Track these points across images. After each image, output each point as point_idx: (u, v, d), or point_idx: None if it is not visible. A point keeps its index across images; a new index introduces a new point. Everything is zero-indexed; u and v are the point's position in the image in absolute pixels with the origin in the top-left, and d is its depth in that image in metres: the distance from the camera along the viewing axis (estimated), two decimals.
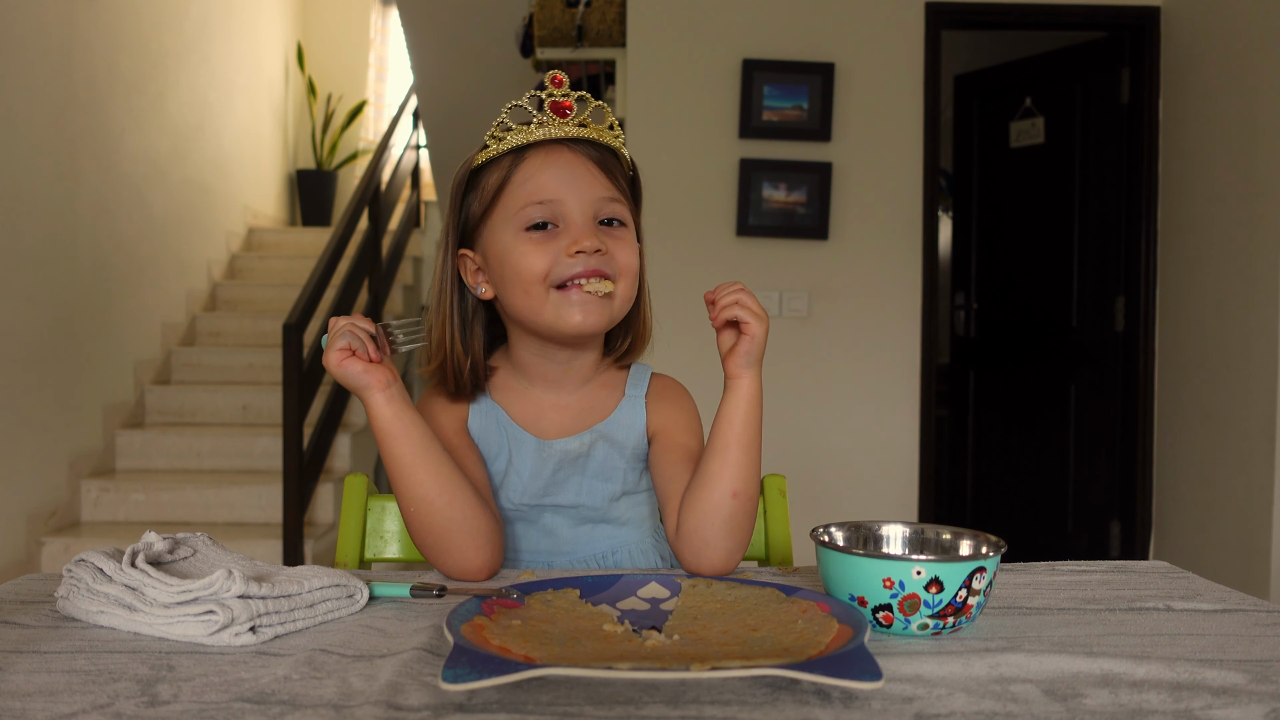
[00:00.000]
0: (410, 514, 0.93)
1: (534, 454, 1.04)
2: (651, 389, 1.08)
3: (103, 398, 3.95)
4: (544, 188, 0.96)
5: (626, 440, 1.06)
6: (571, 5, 3.51)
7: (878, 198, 3.46)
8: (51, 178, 3.60)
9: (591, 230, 0.96)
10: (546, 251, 0.95)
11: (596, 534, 1.07)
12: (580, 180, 0.97)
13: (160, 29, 4.52)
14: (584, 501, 1.05)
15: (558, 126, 0.97)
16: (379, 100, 6.88)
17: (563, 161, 0.97)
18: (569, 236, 0.95)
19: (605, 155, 1.00)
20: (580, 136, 0.98)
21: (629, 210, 1.01)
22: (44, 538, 3.46)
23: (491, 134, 0.99)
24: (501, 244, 0.98)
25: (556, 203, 0.96)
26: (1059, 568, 0.97)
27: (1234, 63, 3.09)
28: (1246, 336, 2.97)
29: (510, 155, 0.98)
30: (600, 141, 0.99)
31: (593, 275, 0.95)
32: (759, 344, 0.95)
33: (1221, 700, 0.61)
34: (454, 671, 0.58)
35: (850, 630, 0.68)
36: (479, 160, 1.00)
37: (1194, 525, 3.28)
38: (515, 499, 1.04)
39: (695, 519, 0.96)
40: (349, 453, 4.13)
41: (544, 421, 1.05)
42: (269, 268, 5.45)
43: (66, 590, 0.78)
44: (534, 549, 1.06)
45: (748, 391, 0.95)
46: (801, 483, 2.83)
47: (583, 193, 0.97)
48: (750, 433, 0.96)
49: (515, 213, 0.97)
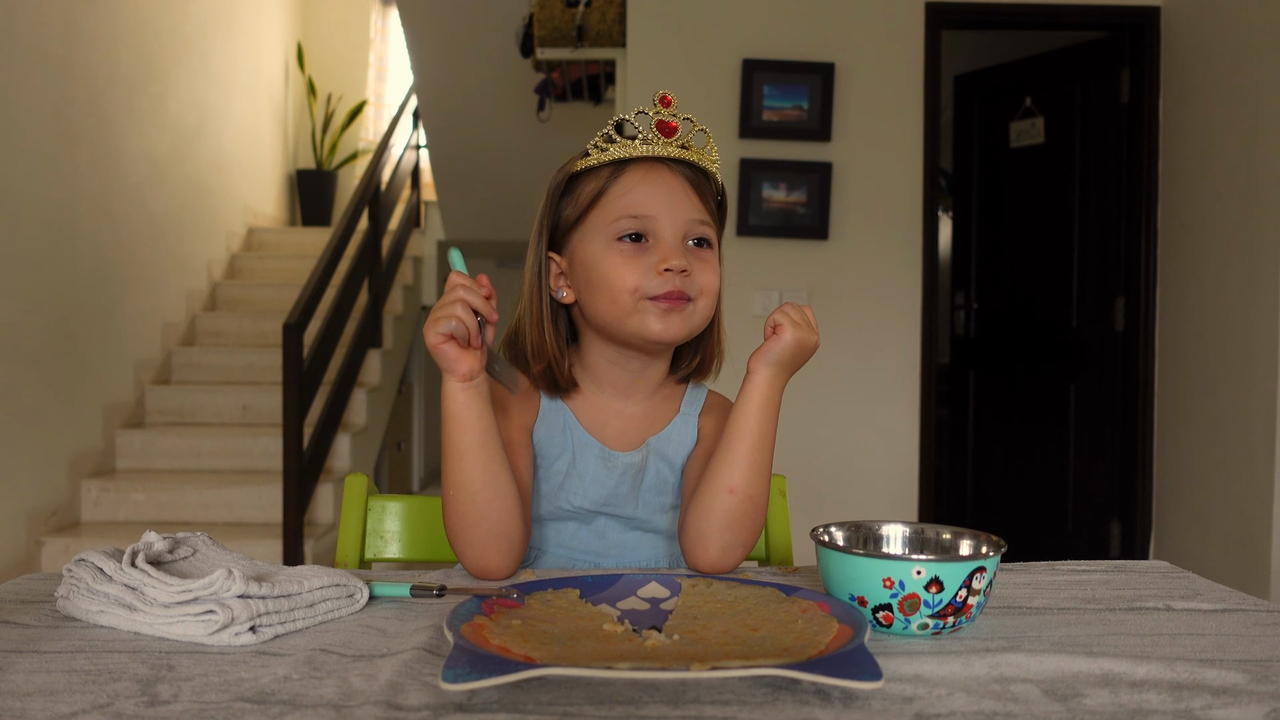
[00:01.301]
0: (449, 499, 0.94)
1: (597, 461, 1.06)
2: (705, 405, 1.11)
3: (103, 398, 3.95)
4: (640, 203, 0.99)
5: (677, 456, 1.08)
6: (571, 5, 3.51)
7: (878, 198, 3.46)
8: (51, 178, 3.60)
9: (680, 250, 0.98)
10: (636, 266, 0.98)
11: (644, 541, 1.09)
12: (676, 199, 0.99)
13: (160, 29, 4.52)
14: (639, 514, 1.08)
15: (661, 145, 1.00)
16: (379, 100, 6.88)
17: (660, 180, 1.00)
18: (659, 253, 0.98)
19: (699, 177, 1.03)
20: (681, 158, 1.00)
21: (715, 233, 1.04)
22: (44, 538, 3.46)
23: (595, 143, 1.01)
24: (592, 251, 1.00)
25: (651, 219, 0.98)
26: (1059, 568, 0.97)
27: (1234, 63, 3.09)
28: (1246, 336, 2.97)
29: (610, 167, 1.01)
30: (698, 164, 1.02)
31: (675, 298, 0.97)
32: (786, 347, 0.96)
33: (1221, 700, 0.61)
34: (454, 671, 0.58)
35: (850, 630, 0.68)
36: (579, 166, 1.02)
37: (1194, 525, 3.28)
38: (575, 502, 1.06)
39: (695, 512, 0.98)
40: (349, 453, 4.13)
41: (609, 429, 1.07)
42: (269, 268, 5.45)
43: (66, 590, 0.78)
44: (585, 548, 1.08)
45: (759, 390, 0.97)
46: (801, 483, 2.83)
47: (677, 212, 0.99)
48: (757, 431, 0.96)
49: (610, 223, 0.99)
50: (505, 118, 4.78)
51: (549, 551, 1.08)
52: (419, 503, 1.19)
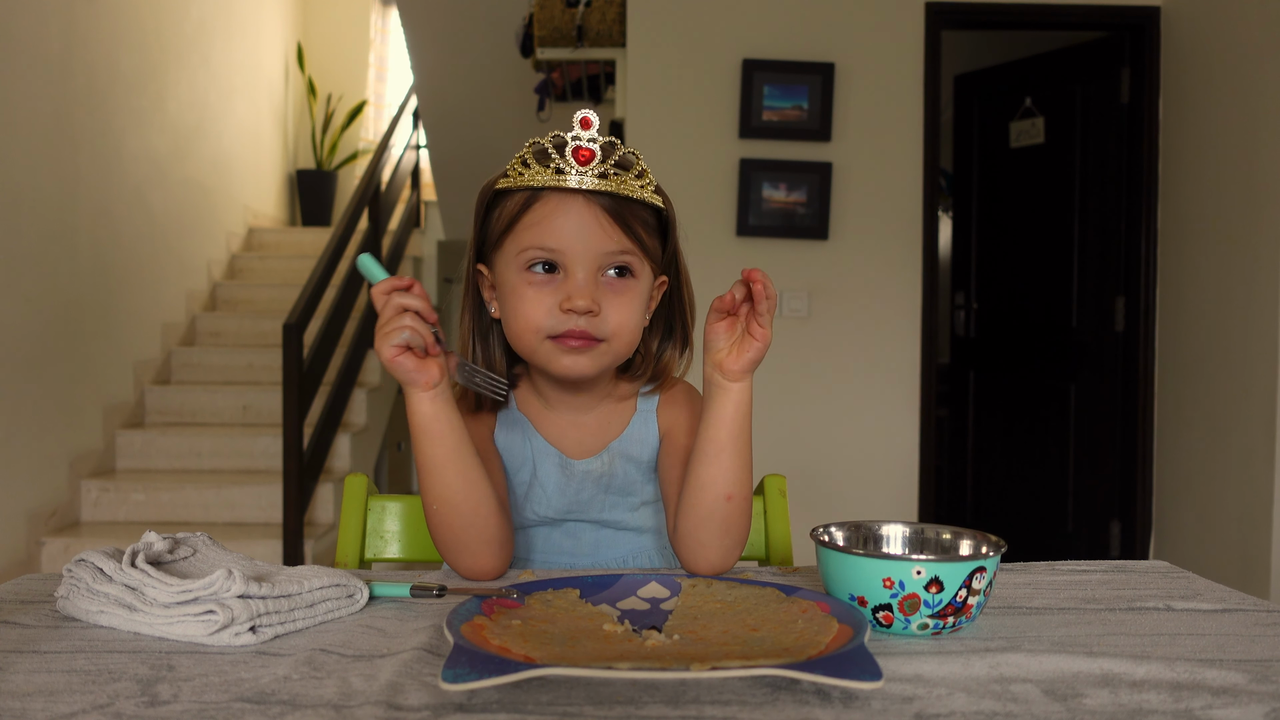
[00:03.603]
0: (431, 512, 0.93)
1: (558, 470, 1.05)
2: (661, 398, 1.09)
3: (103, 398, 3.95)
4: (550, 234, 0.95)
5: (642, 455, 1.07)
6: (571, 5, 3.51)
7: (878, 198, 3.46)
8: (51, 178, 3.60)
9: (588, 288, 0.95)
10: (542, 302, 0.95)
11: (618, 539, 1.09)
12: (589, 233, 0.95)
13: (160, 29, 4.52)
14: (607, 516, 1.07)
15: (575, 175, 0.94)
16: (379, 100, 6.88)
17: (574, 211, 0.95)
18: (565, 291, 0.95)
19: (622, 205, 0.96)
20: (596, 189, 0.94)
21: (641, 260, 0.99)
22: (44, 538, 3.46)
23: (513, 165, 0.97)
24: (507, 277, 0.98)
25: (559, 252, 0.95)
26: (1059, 568, 0.97)
27: (1234, 63, 3.09)
28: (1246, 336, 2.97)
29: (525, 193, 0.97)
30: (618, 194, 0.95)
31: (580, 340, 0.95)
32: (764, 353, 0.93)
33: (1221, 700, 0.61)
34: (454, 671, 0.58)
35: (850, 630, 0.68)
36: (499, 185, 0.99)
37: (1194, 525, 3.28)
38: (541, 512, 1.05)
39: (691, 522, 0.96)
40: (349, 453, 4.13)
41: (567, 439, 1.06)
42: (269, 268, 5.45)
43: (66, 590, 0.77)
44: (558, 550, 1.08)
45: (744, 394, 0.95)
46: (801, 483, 2.83)
47: (590, 245, 0.95)
48: (744, 436, 0.95)
49: (520, 251, 0.96)
50: (505, 118, 4.77)
51: (522, 558, 1.07)
52: (419, 503, 1.19)
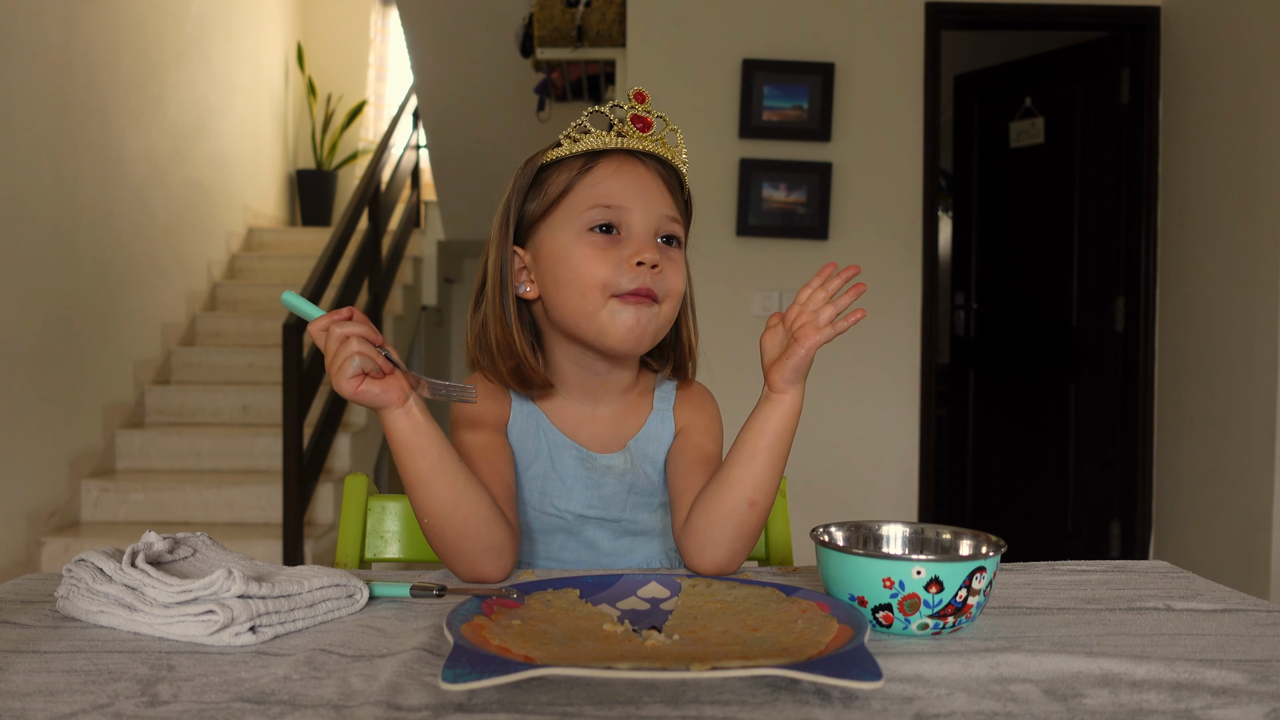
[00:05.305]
0: (427, 526, 0.92)
1: (577, 463, 1.04)
2: (678, 397, 1.09)
3: (103, 398, 3.95)
4: (613, 193, 0.97)
5: (659, 455, 1.06)
6: (571, 5, 3.51)
7: (878, 198, 3.46)
8: (51, 178, 3.60)
9: (653, 244, 0.97)
10: (606, 259, 0.95)
11: (636, 545, 1.08)
12: (649, 193, 0.98)
13: (160, 29, 4.52)
14: (628, 515, 1.06)
15: (636, 139, 0.99)
16: (379, 100, 6.88)
17: (634, 173, 0.98)
18: (631, 246, 0.96)
19: (671, 175, 1.01)
20: (655, 152, 0.99)
21: (684, 234, 1.03)
22: (44, 538, 3.46)
23: (567, 134, 0.99)
24: (560, 243, 0.98)
25: (623, 210, 0.97)
26: (1059, 568, 0.97)
27: (1234, 63, 3.08)
28: (1246, 336, 2.97)
29: (582, 158, 0.99)
30: (671, 162, 1.01)
31: (644, 295, 0.96)
32: (811, 358, 0.92)
33: (1221, 700, 0.61)
34: (454, 671, 0.58)
35: (850, 630, 0.68)
36: (549, 157, 1.00)
37: (1194, 525, 3.28)
38: (561, 505, 1.04)
39: (707, 518, 0.95)
40: (349, 453, 4.13)
41: (583, 432, 1.05)
42: (269, 268, 5.45)
43: (66, 590, 0.77)
44: (576, 560, 1.06)
45: (790, 406, 0.94)
46: (801, 483, 2.82)
47: (650, 206, 0.98)
48: (781, 447, 0.95)
49: (580, 213, 0.97)
50: (505, 118, 4.78)
51: (539, 567, 1.06)
52: None
